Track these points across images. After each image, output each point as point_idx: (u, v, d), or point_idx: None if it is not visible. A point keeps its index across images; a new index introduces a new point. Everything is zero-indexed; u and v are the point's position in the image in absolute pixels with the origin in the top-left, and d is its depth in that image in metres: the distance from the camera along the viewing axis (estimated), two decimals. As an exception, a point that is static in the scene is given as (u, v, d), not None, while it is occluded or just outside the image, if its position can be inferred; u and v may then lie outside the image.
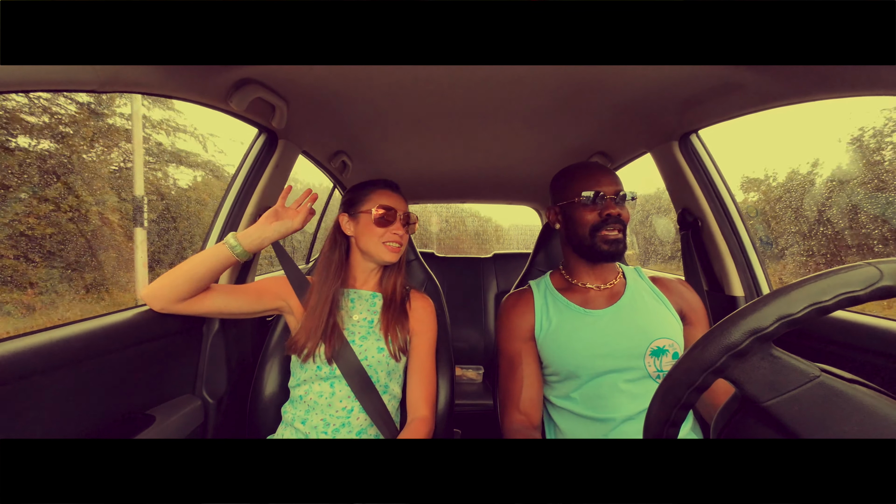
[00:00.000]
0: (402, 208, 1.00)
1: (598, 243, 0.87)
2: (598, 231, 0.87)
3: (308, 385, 0.93)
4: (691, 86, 0.99)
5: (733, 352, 0.36)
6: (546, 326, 0.91)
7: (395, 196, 1.01)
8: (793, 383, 0.36)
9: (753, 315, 0.36)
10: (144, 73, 0.73)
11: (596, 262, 0.92)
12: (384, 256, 0.97)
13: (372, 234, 0.96)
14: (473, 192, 2.37)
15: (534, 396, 0.90)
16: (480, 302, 2.43)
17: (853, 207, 2.99)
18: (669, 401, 0.39)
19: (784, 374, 0.36)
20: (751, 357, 0.37)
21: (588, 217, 0.88)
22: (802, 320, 0.35)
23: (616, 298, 0.92)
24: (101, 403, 0.79)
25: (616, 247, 0.86)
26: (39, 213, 4.63)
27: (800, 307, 0.35)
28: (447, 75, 0.98)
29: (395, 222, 0.97)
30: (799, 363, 0.37)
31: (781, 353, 0.37)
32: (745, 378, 0.37)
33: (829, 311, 0.35)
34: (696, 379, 0.38)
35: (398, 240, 0.97)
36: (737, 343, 0.36)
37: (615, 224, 0.86)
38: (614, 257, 0.88)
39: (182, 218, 6.88)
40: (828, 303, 0.34)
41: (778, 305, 0.35)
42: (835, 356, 0.87)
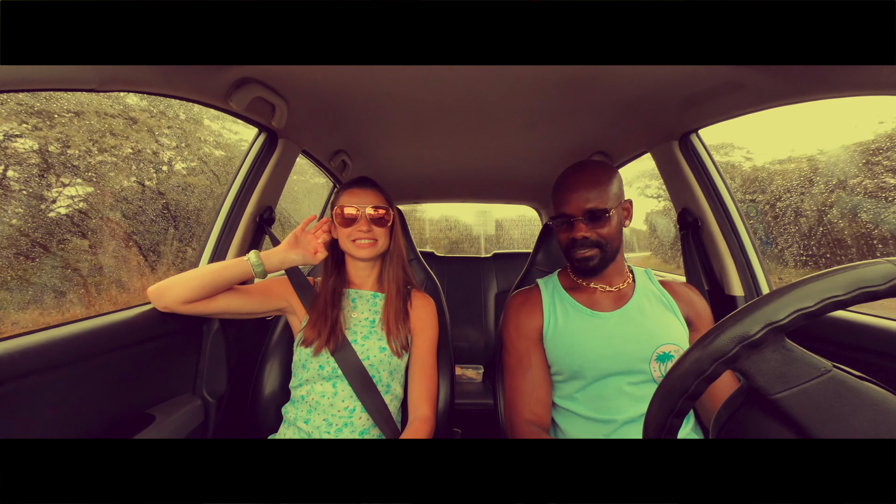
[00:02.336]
0: (369, 203, 0.97)
1: (574, 261, 0.90)
2: (570, 250, 0.89)
3: (310, 385, 0.93)
4: (691, 85, 0.99)
5: (747, 342, 0.36)
6: (553, 326, 0.91)
7: (361, 193, 0.99)
8: (804, 376, 0.36)
9: (770, 305, 0.36)
10: (144, 73, 0.73)
11: (579, 277, 0.95)
12: (355, 253, 0.97)
13: (342, 234, 0.98)
14: (473, 191, 2.36)
15: (543, 397, 0.89)
16: (480, 301, 2.43)
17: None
18: (676, 391, 0.39)
19: (796, 366, 0.36)
20: (764, 348, 0.37)
21: (562, 237, 0.91)
22: (818, 313, 0.35)
23: (624, 301, 0.91)
24: (101, 403, 0.79)
25: (586, 265, 0.88)
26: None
27: (815, 300, 0.35)
28: (447, 75, 0.98)
29: (359, 221, 0.96)
30: (812, 357, 0.37)
31: (794, 347, 0.37)
32: (756, 369, 0.37)
33: (845, 305, 0.35)
34: (706, 368, 0.37)
35: (364, 236, 0.96)
36: (751, 333, 0.36)
37: (581, 247, 0.87)
38: (589, 273, 0.90)
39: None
40: (844, 297, 0.35)
41: (795, 297, 0.35)
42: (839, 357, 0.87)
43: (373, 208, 0.97)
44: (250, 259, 0.90)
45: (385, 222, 0.99)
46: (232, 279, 0.90)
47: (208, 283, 0.87)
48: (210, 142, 3.84)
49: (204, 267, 0.90)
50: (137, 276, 3.08)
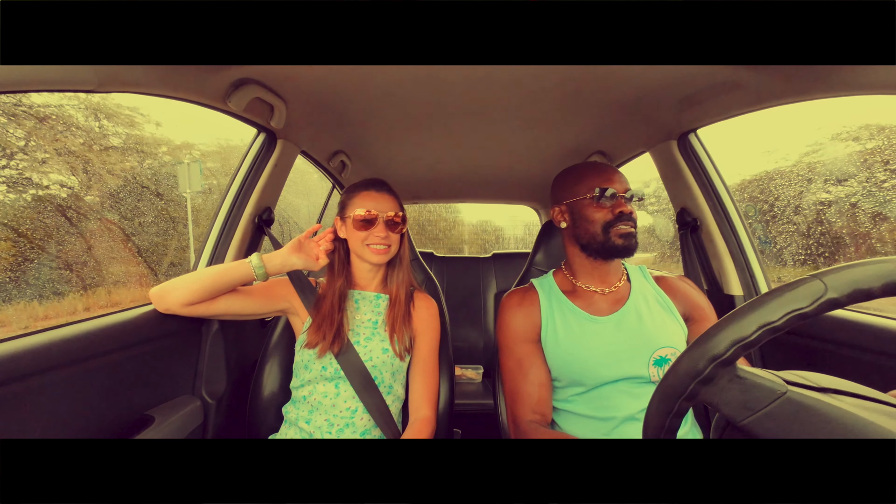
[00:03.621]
0: (387, 209, 0.96)
1: (613, 238, 0.86)
2: (611, 227, 0.86)
3: (312, 385, 0.93)
4: (690, 85, 0.99)
5: (699, 378, 0.37)
6: (552, 331, 0.90)
7: (379, 197, 0.98)
8: (763, 401, 0.36)
9: (711, 342, 0.37)
10: (143, 73, 0.73)
11: (608, 258, 0.90)
12: (369, 258, 0.97)
13: (356, 237, 0.96)
14: (472, 191, 2.37)
15: (545, 396, 0.89)
16: (480, 302, 2.43)
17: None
18: (664, 409, 0.40)
19: (754, 392, 0.37)
20: (718, 381, 0.37)
21: (599, 215, 0.87)
22: (756, 342, 0.35)
23: (621, 304, 0.90)
24: (100, 403, 0.79)
25: (629, 241, 0.86)
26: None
27: (751, 329, 0.35)
28: (446, 75, 0.98)
29: (377, 225, 0.95)
30: (764, 381, 0.37)
31: (746, 373, 0.37)
32: (719, 400, 0.38)
33: (780, 330, 0.35)
34: (684, 391, 0.38)
35: (381, 241, 0.95)
36: (701, 370, 0.37)
37: (628, 220, 0.86)
38: (628, 251, 0.87)
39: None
40: (778, 323, 0.35)
41: (732, 331, 0.36)
42: (839, 357, 0.88)
43: (391, 213, 0.96)
44: (252, 262, 0.90)
45: (400, 227, 0.99)
46: (234, 282, 0.90)
47: (210, 286, 0.87)
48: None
49: (205, 269, 0.90)
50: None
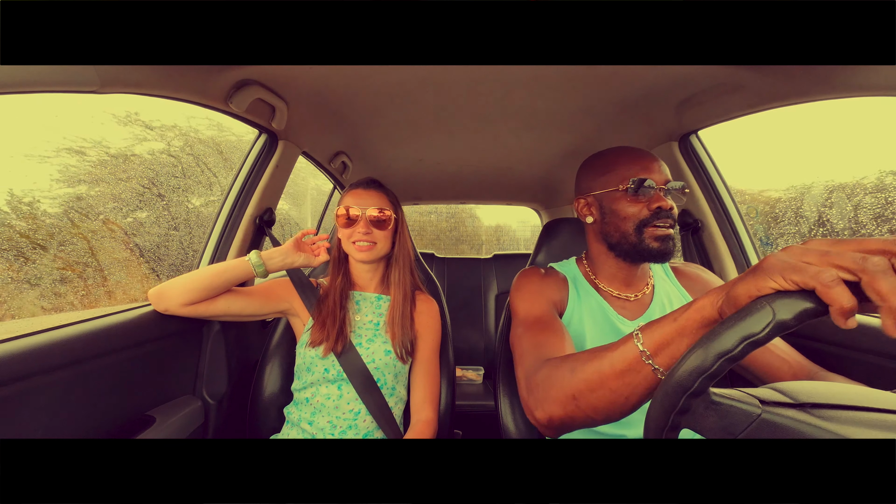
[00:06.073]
0: (371, 205, 0.96)
1: (647, 240, 0.75)
2: (646, 226, 0.75)
3: (315, 388, 0.93)
4: (691, 86, 0.99)
5: (677, 410, 0.38)
6: (577, 320, 0.80)
7: (365, 194, 0.97)
8: (740, 425, 0.37)
9: (678, 375, 0.37)
10: (144, 74, 0.73)
11: (640, 262, 0.80)
12: (355, 256, 0.97)
13: (343, 235, 0.97)
14: (473, 192, 2.37)
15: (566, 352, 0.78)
16: (480, 303, 2.43)
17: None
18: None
19: (731, 417, 0.37)
20: (695, 410, 0.38)
21: (633, 210, 0.76)
22: (717, 373, 0.36)
23: (644, 309, 0.83)
24: (101, 404, 0.79)
25: (667, 245, 0.75)
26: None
27: (711, 361, 0.36)
28: (447, 75, 0.98)
29: (359, 222, 0.95)
30: (739, 404, 0.37)
31: (721, 398, 0.38)
32: (702, 427, 0.38)
33: (738, 359, 0.35)
34: (665, 424, 0.39)
35: (363, 239, 0.95)
36: (675, 403, 0.37)
37: (666, 219, 0.75)
38: (664, 257, 0.76)
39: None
40: (735, 352, 0.35)
41: (693, 362, 0.36)
42: (840, 357, 0.87)
43: (374, 210, 0.96)
44: (251, 259, 0.90)
45: (386, 225, 0.98)
46: (233, 279, 0.89)
47: (209, 285, 0.87)
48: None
49: (204, 268, 0.89)
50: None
